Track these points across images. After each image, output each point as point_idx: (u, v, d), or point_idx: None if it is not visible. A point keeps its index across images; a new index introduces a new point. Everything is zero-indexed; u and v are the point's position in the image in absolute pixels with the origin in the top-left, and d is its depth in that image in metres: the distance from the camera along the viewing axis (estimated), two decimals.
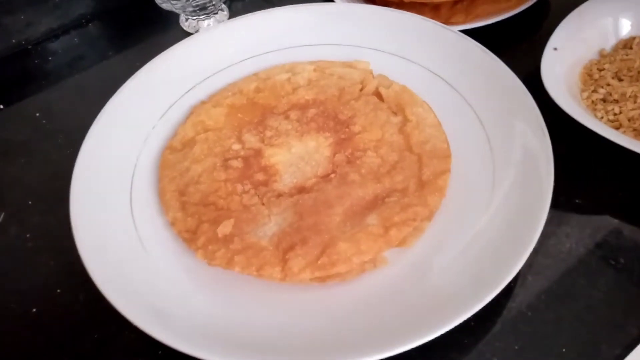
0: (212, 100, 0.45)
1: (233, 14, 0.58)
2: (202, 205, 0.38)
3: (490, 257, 0.33)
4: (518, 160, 0.37)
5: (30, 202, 0.44)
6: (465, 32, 0.46)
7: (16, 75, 0.56)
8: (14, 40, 0.58)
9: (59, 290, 0.39)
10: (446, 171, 0.38)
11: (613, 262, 0.37)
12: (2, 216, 0.44)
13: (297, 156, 0.40)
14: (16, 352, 0.36)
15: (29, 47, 0.58)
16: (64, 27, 0.60)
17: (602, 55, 0.47)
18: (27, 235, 0.42)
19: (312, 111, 0.43)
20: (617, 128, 0.41)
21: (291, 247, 0.35)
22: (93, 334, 0.36)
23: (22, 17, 0.59)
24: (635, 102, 0.42)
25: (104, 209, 0.38)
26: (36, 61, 0.57)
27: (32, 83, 0.55)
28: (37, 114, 0.52)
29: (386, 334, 0.31)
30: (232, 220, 0.36)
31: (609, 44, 0.47)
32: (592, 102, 0.43)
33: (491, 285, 0.31)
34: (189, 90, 0.46)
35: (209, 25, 0.56)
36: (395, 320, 0.32)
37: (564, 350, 0.33)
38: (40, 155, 0.48)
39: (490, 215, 0.35)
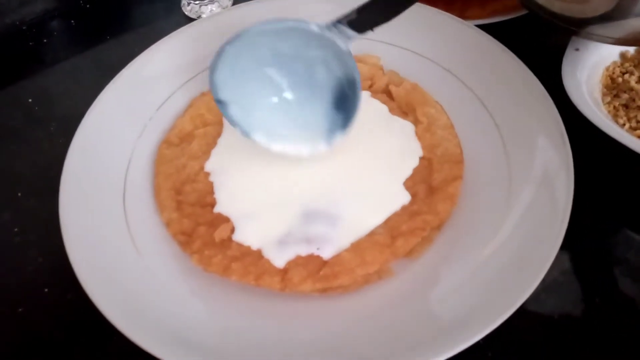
0: None
1: (237, 0, 0.55)
2: (199, 206, 0.36)
3: (503, 276, 0.31)
4: (536, 170, 0.35)
5: (19, 194, 0.42)
6: (480, 27, 0.43)
7: (8, 57, 0.53)
8: (7, 20, 0.56)
9: (46, 290, 0.37)
10: (458, 178, 0.36)
11: (632, 280, 0.35)
12: None
13: None
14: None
15: (23, 27, 0.56)
16: (60, 7, 0.57)
17: (625, 57, 0.44)
18: (15, 229, 0.40)
19: None
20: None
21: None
22: (81, 338, 0.35)
23: None
24: None
25: (95, 205, 0.36)
26: (30, 43, 0.54)
27: (25, 66, 0.52)
28: (30, 100, 0.49)
29: (387, 350, 0.30)
30: (230, 224, 0.34)
31: None
32: (614, 107, 0.41)
33: (502, 307, 0.29)
34: (188, 81, 0.44)
35: (212, 11, 0.53)
36: (397, 337, 0.30)
37: None
38: (31, 144, 0.46)
39: (505, 230, 0.33)
